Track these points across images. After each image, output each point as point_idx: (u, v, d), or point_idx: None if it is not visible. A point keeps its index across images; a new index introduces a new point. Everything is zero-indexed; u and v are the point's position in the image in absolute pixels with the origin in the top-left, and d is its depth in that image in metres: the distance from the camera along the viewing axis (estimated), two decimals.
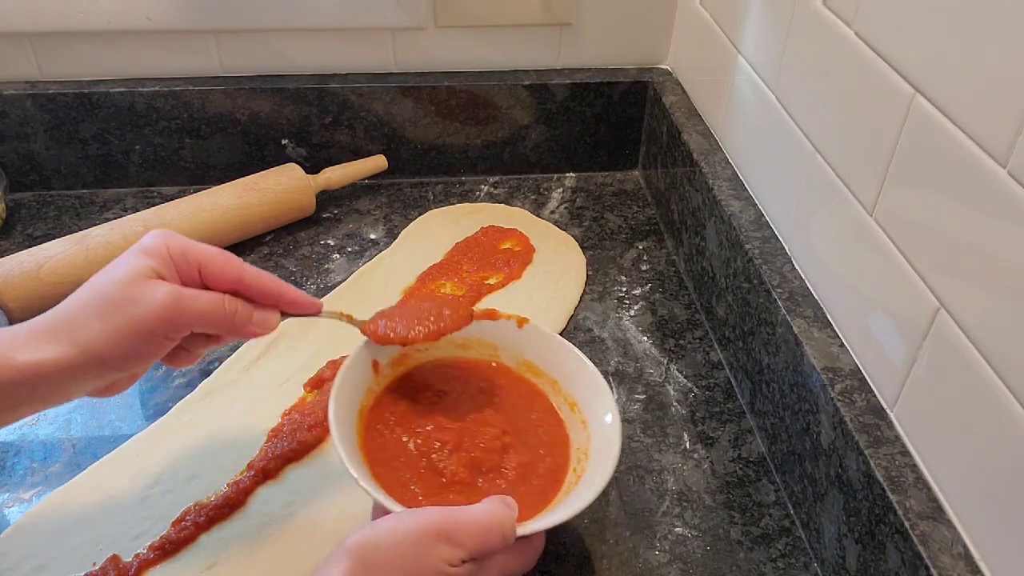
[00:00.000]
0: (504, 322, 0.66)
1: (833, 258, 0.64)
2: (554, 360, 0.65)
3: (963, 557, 0.48)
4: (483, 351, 0.67)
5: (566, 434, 0.62)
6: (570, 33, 0.97)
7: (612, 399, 0.61)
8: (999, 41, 0.45)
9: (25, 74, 0.90)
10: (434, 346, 0.65)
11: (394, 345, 0.62)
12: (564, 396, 0.64)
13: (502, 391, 0.65)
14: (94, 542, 0.60)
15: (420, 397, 0.63)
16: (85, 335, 0.49)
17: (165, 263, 0.52)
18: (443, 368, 0.66)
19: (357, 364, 0.61)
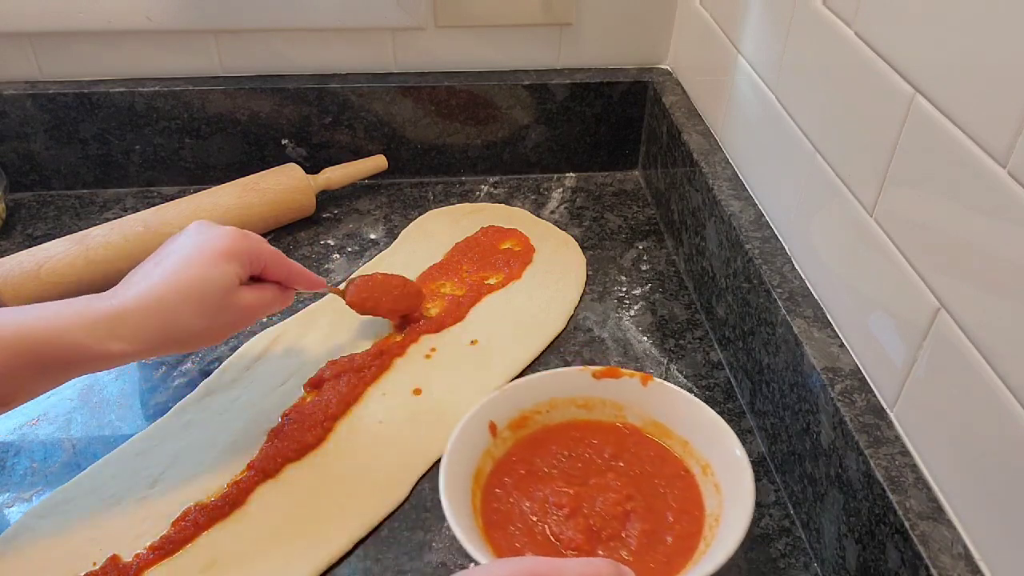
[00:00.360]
0: (627, 380, 0.64)
1: (833, 258, 0.64)
2: (684, 419, 0.62)
3: (963, 557, 0.48)
4: (608, 412, 0.64)
5: (699, 499, 0.59)
6: (570, 33, 0.97)
7: (747, 461, 0.57)
8: (999, 41, 0.44)
9: (25, 74, 0.90)
10: (555, 408, 0.64)
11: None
12: (696, 458, 0.60)
13: (628, 454, 0.62)
14: (94, 542, 0.60)
15: (540, 460, 0.61)
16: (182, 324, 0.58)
17: (245, 270, 0.61)
18: (566, 430, 0.64)
19: (472, 427, 0.60)
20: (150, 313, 0.56)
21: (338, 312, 0.80)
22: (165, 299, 0.57)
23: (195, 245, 0.59)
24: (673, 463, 0.61)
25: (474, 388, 0.72)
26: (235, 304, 0.60)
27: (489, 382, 0.73)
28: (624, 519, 0.57)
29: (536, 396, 0.64)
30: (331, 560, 0.60)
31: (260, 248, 0.63)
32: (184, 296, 0.57)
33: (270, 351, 0.76)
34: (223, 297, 0.59)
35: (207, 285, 0.58)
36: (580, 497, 0.58)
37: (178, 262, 0.58)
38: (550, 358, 0.77)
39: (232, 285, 0.60)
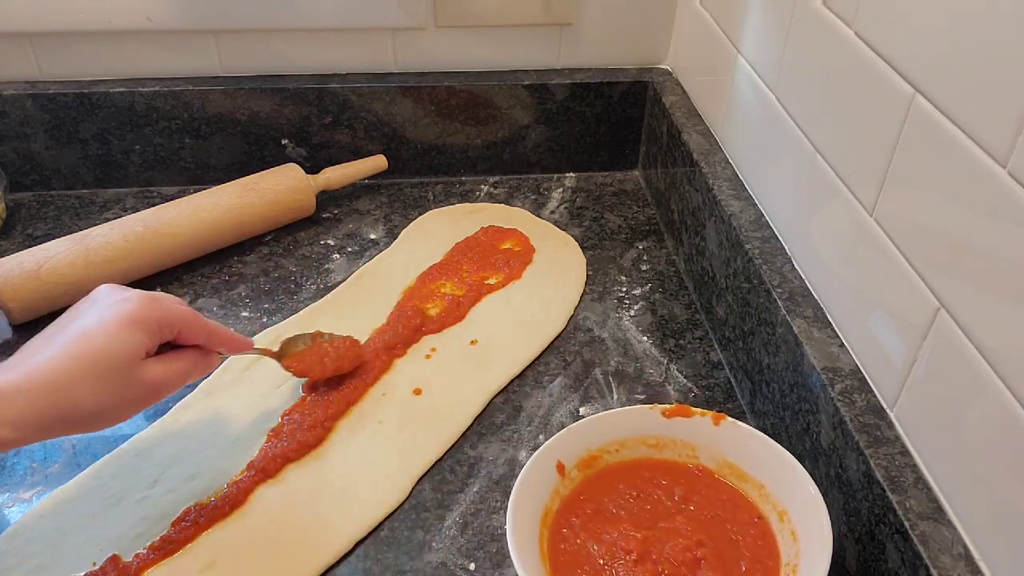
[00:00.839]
0: (699, 419, 0.61)
1: (833, 258, 0.64)
2: (759, 461, 0.59)
3: (963, 557, 0.48)
4: (679, 452, 0.62)
5: (775, 548, 0.56)
6: (570, 33, 0.97)
7: (823, 507, 0.53)
8: (999, 41, 0.44)
9: (25, 74, 0.90)
10: (624, 447, 0.61)
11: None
12: (773, 503, 0.57)
13: (699, 496, 0.59)
14: (94, 542, 0.60)
15: (608, 500, 0.59)
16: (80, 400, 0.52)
17: (154, 338, 0.56)
18: (635, 469, 0.61)
19: (539, 465, 0.58)
20: (41, 393, 0.50)
21: (338, 313, 0.80)
22: (58, 376, 0.51)
23: (96, 314, 0.54)
24: (747, 508, 0.58)
25: (474, 388, 0.72)
26: (141, 378, 0.55)
27: (489, 382, 0.73)
28: (694, 567, 0.54)
29: (604, 435, 0.61)
30: (331, 560, 0.60)
31: (171, 312, 0.57)
32: (81, 372, 0.51)
33: None
34: (127, 371, 0.54)
35: (108, 358, 0.53)
36: (649, 542, 0.55)
37: (77, 333, 0.53)
38: (550, 358, 0.77)
39: (136, 357, 0.54)
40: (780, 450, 0.57)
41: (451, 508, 0.64)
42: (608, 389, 0.74)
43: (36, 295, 0.76)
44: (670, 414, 0.61)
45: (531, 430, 0.70)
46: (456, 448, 0.68)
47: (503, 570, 0.60)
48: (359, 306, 0.81)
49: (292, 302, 0.82)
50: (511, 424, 0.70)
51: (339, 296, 0.82)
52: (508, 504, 0.55)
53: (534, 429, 0.70)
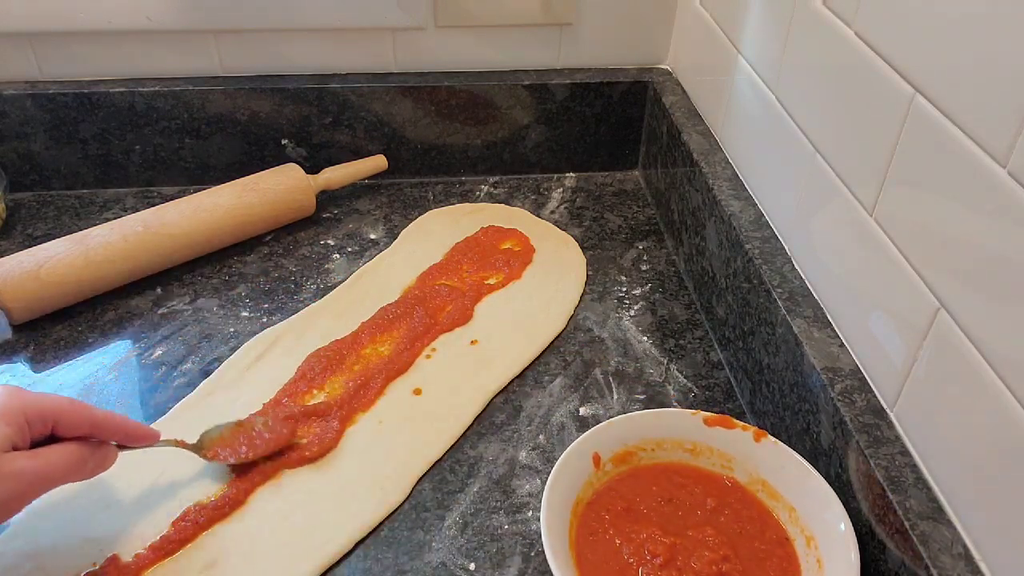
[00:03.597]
0: (739, 432, 0.61)
1: (833, 258, 0.64)
2: (794, 484, 0.58)
3: (963, 557, 0.48)
4: (715, 461, 0.62)
5: (799, 571, 0.55)
6: (570, 33, 0.97)
7: (854, 543, 0.53)
8: (999, 41, 0.44)
9: (25, 74, 0.90)
10: (661, 448, 0.62)
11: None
12: (801, 527, 0.57)
13: (730, 509, 0.60)
14: (94, 542, 0.60)
15: (640, 499, 0.60)
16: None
17: (21, 431, 0.52)
18: (671, 473, 0.62)
19: (576, 455, 0.59)
20: None
21: (338, 311, 0.80)
22: None
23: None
24: (775, 529, 0.58)
25: (474, 388, 0.72)
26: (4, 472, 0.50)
27: (489, 382, 0.73)
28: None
29: (642, 433, 0.62)
30: (331, 560, 0.60)
31: (39, 404, 0.53)
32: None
33: (270, 351, 0.76)
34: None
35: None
36: (676, 548, 0.56)
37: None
38: (550, 358, 0.77)
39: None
40: (818, 477, 0.57)
41: (451, 508, 0.64)
42: (608, 389, 0.74)
43: (36, 295, 0.76)
44: (712, 423, 0.62)
45: (531, 430, 0.70)
46: (456, 448, 0.68)
47: (503, 570, 0.60)
48: (359, 306, 0.81)
49: (292, 302, 0.82)
50: (511, 424, 0.70)
51: (339, 296, 0.82)
52: (544, 493, 0.56)
53: (534, 429, 0.70)
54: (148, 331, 0.78)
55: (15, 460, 0.51)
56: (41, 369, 0.74)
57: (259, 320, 0.80)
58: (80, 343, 0.76)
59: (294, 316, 0.80)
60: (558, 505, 0.56)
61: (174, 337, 0.78)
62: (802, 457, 0.59)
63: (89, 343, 0.77)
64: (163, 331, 0.78)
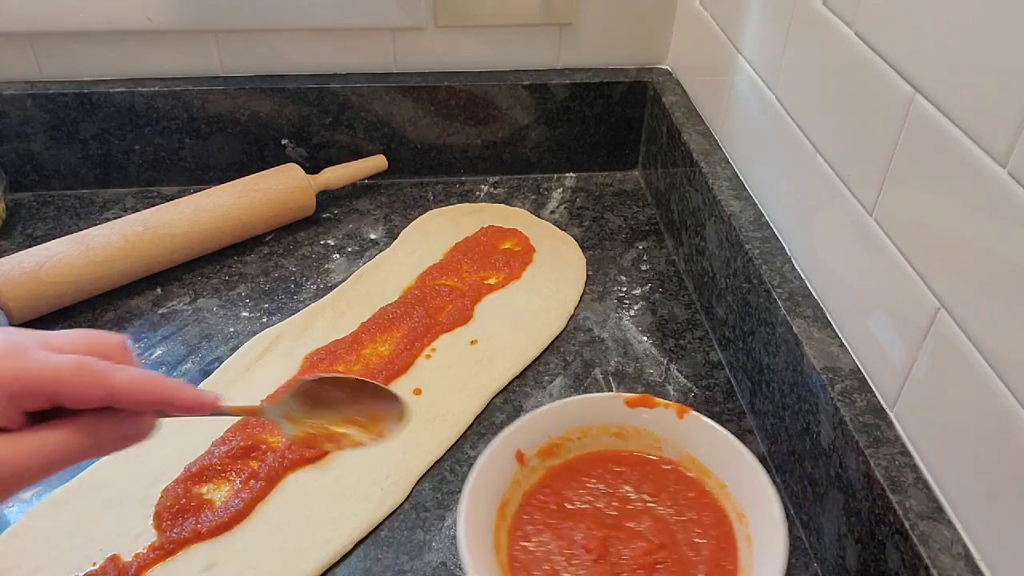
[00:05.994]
0: (663, 411, 0.60)
1: (833, 258, 0.64)
2: (722, 459, 0.57)
3: (963, 557, 0.48)
4: (644, 442, 0.60)
5: (735, 552, 0.54)
6: (570, 33, 0.97)
7: (781, 514, 0.52)
8: (999, 41, 0.44)
9: (25, 74, 0.90)
10: (587, 435, 0.60)
11: None
12: (733, 504, 0.56)
13: (667, 493, 0.58)
14: (94, 542, 0.60)
15: (572, 493, 0.58)
16: None
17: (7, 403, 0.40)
18: (601, 461, 0.60)
19: (498, 456, 0.56)
20: None
21: (338, 311, 0.80)
22: None
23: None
24: (713, 508, 0.57)
25: (474, 388, 0.72)
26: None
27: (489, 382, 0.73)
28: (650, 570, 0.53)
29: (566, 423, 0.60)
30: (331, 560, 0.60)
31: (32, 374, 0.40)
32: None
33: (270, 351, 0.76)
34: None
35: None
36: (609, 542, 0.55)
37: None
38: (550, 358, 0.77)
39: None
40: (744, 451, 0.56)
41: (451, 508, 0.64)
42: (608, 389, 0.74)
43: (36, 295, 0.76)
44: (634, 403, 0.60)
45: None
46: (456, 448, 0.68)
47: None
48: (359, 306, 0.81)
49: (292, 302, 0.82)
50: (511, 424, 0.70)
51: (339, 296, 0.82)
52: (461, 498, 0.53)
53: None
54: (148, 331, 0.78)
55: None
56: None
57: (259, 320, 0.80)
58: None
59: (294, 316, 0.80)
60: (479, 512, 0.53)
61: (174, 337, 0.78)
62: (728, 431, 0.58)
63: None
64: (163, 331, 0.78)
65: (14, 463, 0.39)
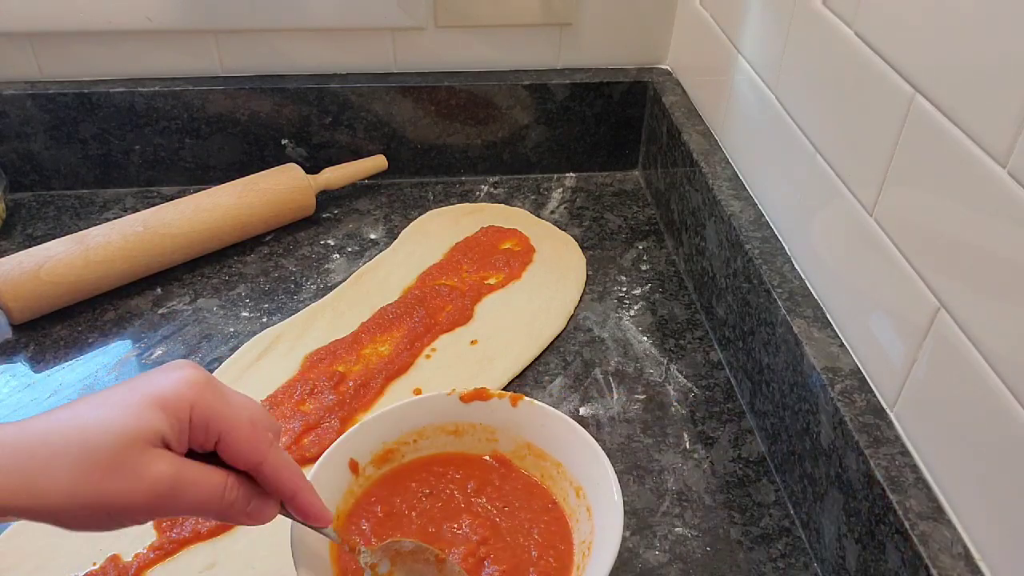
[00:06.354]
0: (496, 401, 0.60)
1: (833, 258, 0.64)
2: (557, 440, 0.58)
3: (963, 557, 0.48)
4: (480, 437, 0.61)
5: (567, 531, 0.56)
6: (570, 33, 0.97)
7: (614, 479, 0.53)
8: (999, 41, 0.44)
9: (25, 74, 0.90)
10: (423, 437, 0.60)
11: None
12: (569, 480, 0.57)
13: (491, 488, 0.59)
14: (94, 542, 0.60)
15: (400, 499, 0.57)
16: (46, 485, 0.39)
17: (179, 429, 0.42)
18: (430, 465, 0.60)
19: (330, 465, 0.55)
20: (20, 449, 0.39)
21: (338, 311, 0.80)
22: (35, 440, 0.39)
23: (130, 383, 0.43)
24: (541, 495, 0.58)
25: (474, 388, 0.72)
26: (138, 468, 0.40)
27: (489, 382, 0.73)
28: (479, 566, 0.53)
29: (401, 426, 0.59)
30: None
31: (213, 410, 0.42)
32: (64, 442, 0.39)
33: (270, 351, 0.76)
34: (116, 449, 0.39)
35: (98, 421, 0.40)
36: (433, 543, 0.54)
37: (93, 399, 0.42)
38: (550, 358, 0.77)
39: (133, 437, 0.40)
40: (575, 427, 0.57)
41: None
42: (608, 389, 0.74)
43: (36, 295, 0.76)
44: (468, 398, 0.60)
45: None
46: None
47: None
48: (359, 306, 0.81)
49: (292, 302, 0.82)
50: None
51: (339, 296, 0.82)
52: None
53: None
54: (148, 331, 0.78)
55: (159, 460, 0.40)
56: (41, 369, 0.74)
57: (259, 320, 0.80)
58: (80, 343, 0.76)
59: (294, 316, 0.80)
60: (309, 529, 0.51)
61: (174, 337, 0.78)
62: (560, 412, 0.59)
63: (89, 343, 0.77)
64: (163, 331, 0.78)
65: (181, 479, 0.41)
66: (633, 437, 0.69)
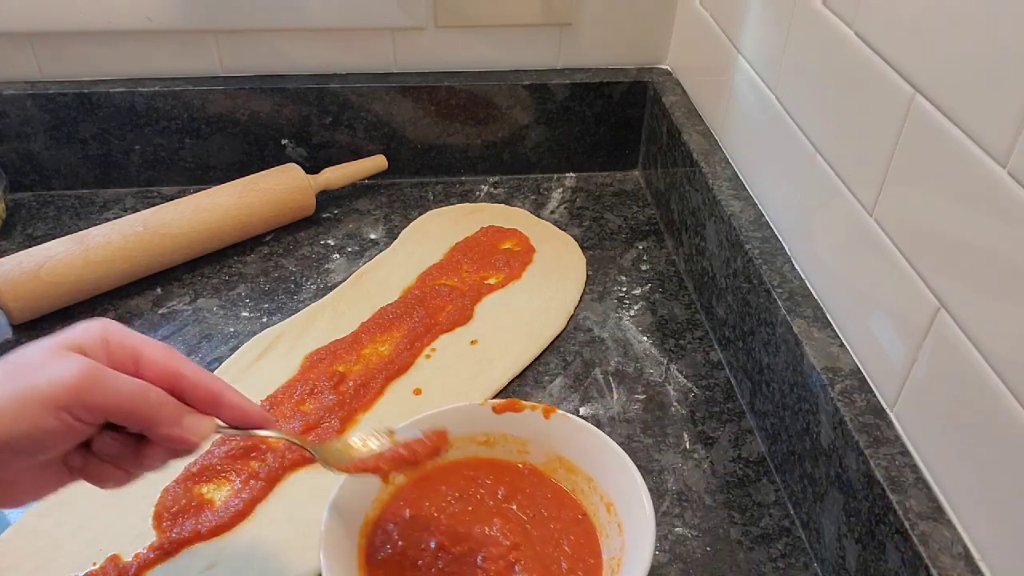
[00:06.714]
0: (529, 413, 0.59)
1: (833, 258, 0.64)
2: (588, 453, 0.58)
3: (963, 557, 0.48)
4: (511, 448, 0.60)
5: (597, 546, 0.55)
6: (570, 33, 0.97)
7: (646, 495, 0.53)
8: (999, 41, 0.44)
9: (25, 74, 0.90)
10: (454, 447, 0.58)
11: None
12: (600, 495, 0.57)
13: (522, 495, 0.58)
14: (94, 542, 0.60)
15: (429, 502, 0.57)
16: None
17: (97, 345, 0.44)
18: (463, 469, 0.59)
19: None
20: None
21: (338, 311, 0.80)
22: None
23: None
24: (571, 506, 0.57)
25: (474, 388, 0.72)
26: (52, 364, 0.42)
27: (489, 382, 0.73)
28: (509, 570, 0.53)
29: None
30: None
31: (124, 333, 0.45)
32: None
33: (270, 351, 0.76)
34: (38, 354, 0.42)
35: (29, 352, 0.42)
36: (465, 547, 0.54)
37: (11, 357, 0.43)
38: (550, 358, 0.77)
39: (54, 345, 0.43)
40: (607, 441, 0.57)
41: None
42: (608, 389, 0.74)
43: (36, 295, 0.76)
44: (500, 409, 0.60)
45: None
46: None
47: None
48: (359, 306, 0.81)
49: (292, 302, 0.82)
50: None
51: (339, 296, 0.82)
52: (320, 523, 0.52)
53: None
54: (148, 331, 0.78)
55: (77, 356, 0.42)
56: None
57: (259, 320, 0.80)
58: None
59: (294, 316, 0.80)
60: (343, 532, 0.52)
61: (174, 337, 0.78)
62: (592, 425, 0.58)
63: None
64: (163, 331, 0.78)
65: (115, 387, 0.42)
66: (633, 437, 0.69)
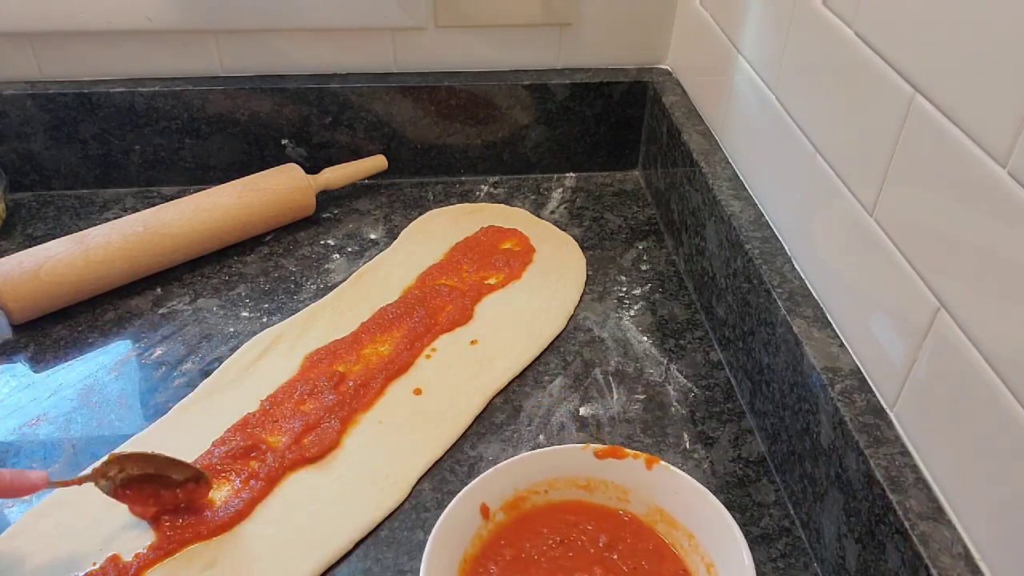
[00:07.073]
0: (631, 461, 0.58)
1: (833, 258, 0.64)
2: (690, 509, 0.56)
3: (963, 557, 0.48)
4: (610, 495, 0.59)
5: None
6: (570, 33, 0.97)
7: (750, 562, 0.52)
8: (999, 41, 0.44)
9: (25, 74, 0.90)
10: (554, 488, 0.59)
11: None
12: (701, 555, 0.55)
13: (624, 544, 0.57)
14: (94, 542, 0.60)
15: (530, 544, 0.57)
16: None
17: None
18: (561, 512, 0.59)
19: (461, 510, 0.55)
20: None
21: (338, 311, 0.80)
22: None
23: None
24: (672, 561, 0.56)
25: (474, 388, 0.73)
26: None
27: (489, 382, 0.73)
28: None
29: (532, 475, 0.59)
30: (331, 560, 0.60)
31: None
32: None
33: (270, 351, 0.76)
34: None
35: None
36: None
37: None
38: (550, 358, 0.77)
39: None
40: (710, 498, 0.56)
41: None
42: (608, 389, 0.74)
43: (36, 295, 0.76)
44: (603, 455, 0.59)
45: (531, 430, 0.70)
46: (456, 448, 0.68)
47: None
48: (359, 306, 0.81)
49: (292, 302, 0.82)
50: (511, 424, 0.70)
51: (339, 296, 0.82)
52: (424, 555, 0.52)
53: (534, 429, 0.70)
54: (148, 331, 0.78)
55: None
56: (41, 369, 0.74)
57: (259, 320, 0.80)
58: (80, 343, 0.76)
59: (294, 316, 0.80)
60: (442, 568, 0.52)
61: (174, 337, 0.78)
62: (698, 481, 0.57)
63: (89, 343, 0.77)
64: (163, 331, 0.78)
65: None
66: (633, 437, 0.69)
